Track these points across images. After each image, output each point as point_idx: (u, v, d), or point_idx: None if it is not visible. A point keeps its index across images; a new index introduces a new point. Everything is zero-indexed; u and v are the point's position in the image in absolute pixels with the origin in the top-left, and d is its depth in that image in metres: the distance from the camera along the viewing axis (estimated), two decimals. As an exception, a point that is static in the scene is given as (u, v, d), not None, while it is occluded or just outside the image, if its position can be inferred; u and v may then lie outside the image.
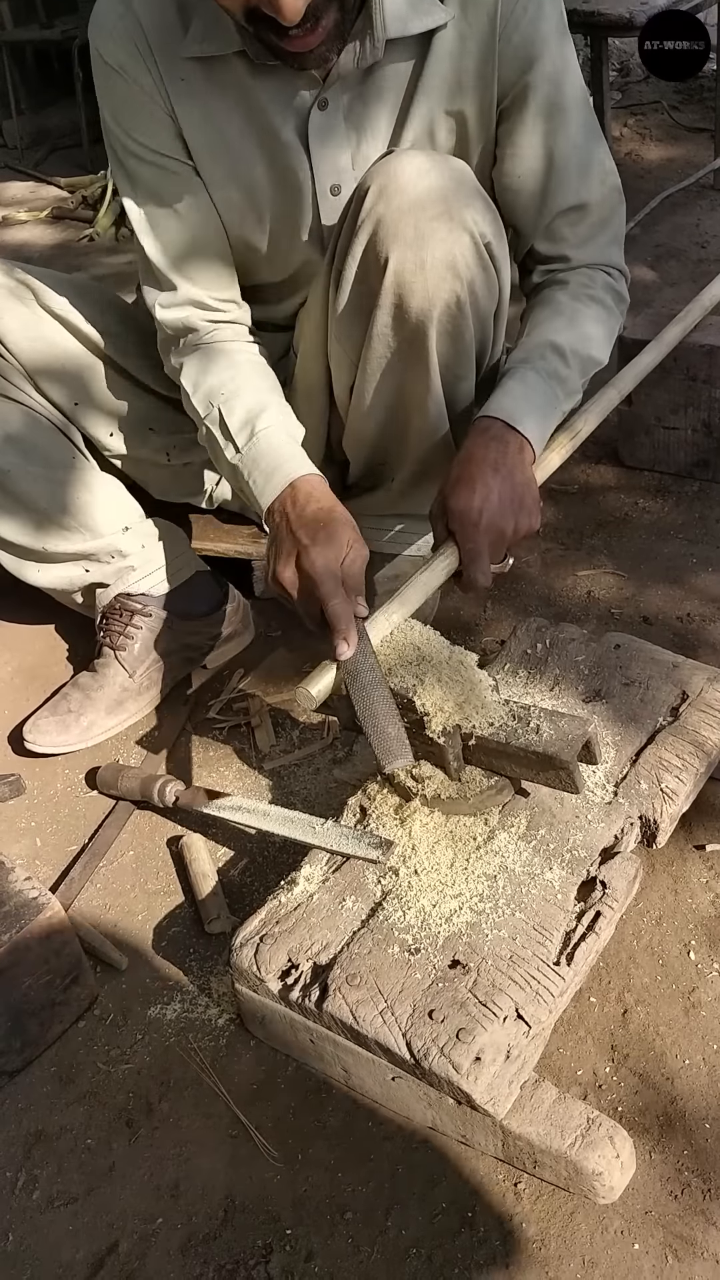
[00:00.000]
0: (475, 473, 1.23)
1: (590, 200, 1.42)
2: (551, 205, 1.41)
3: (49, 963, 1.17)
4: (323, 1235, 1.03)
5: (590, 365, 1.40)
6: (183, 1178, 1.08)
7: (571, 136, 1.38)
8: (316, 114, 1.34)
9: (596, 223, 1.44)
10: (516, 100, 1.35)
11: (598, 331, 1.41)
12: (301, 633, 1.75)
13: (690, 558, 1.83)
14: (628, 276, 1.49)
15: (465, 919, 1.09)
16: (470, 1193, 1.04)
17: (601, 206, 1.43)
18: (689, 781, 1.22)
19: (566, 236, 1.44)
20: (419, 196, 1.27)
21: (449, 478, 1.26)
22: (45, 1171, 1.10)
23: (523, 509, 1.25)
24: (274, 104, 1.34)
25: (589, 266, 1.45)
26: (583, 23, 2.67)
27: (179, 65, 1.32)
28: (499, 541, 1.24)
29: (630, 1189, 1.02)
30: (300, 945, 1.09)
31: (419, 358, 1.38)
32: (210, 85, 1.33)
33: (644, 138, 3.72)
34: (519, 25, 1.30)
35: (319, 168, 1.37)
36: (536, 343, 1.37)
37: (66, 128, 4.48)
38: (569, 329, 1.38)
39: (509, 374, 1.34)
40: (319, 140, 1.35)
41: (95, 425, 1.61)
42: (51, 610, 1.77)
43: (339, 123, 1.35)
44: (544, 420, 1.32)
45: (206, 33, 1.29)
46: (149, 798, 1.43)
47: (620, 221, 1.48)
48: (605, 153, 1.44)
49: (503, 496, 1.23)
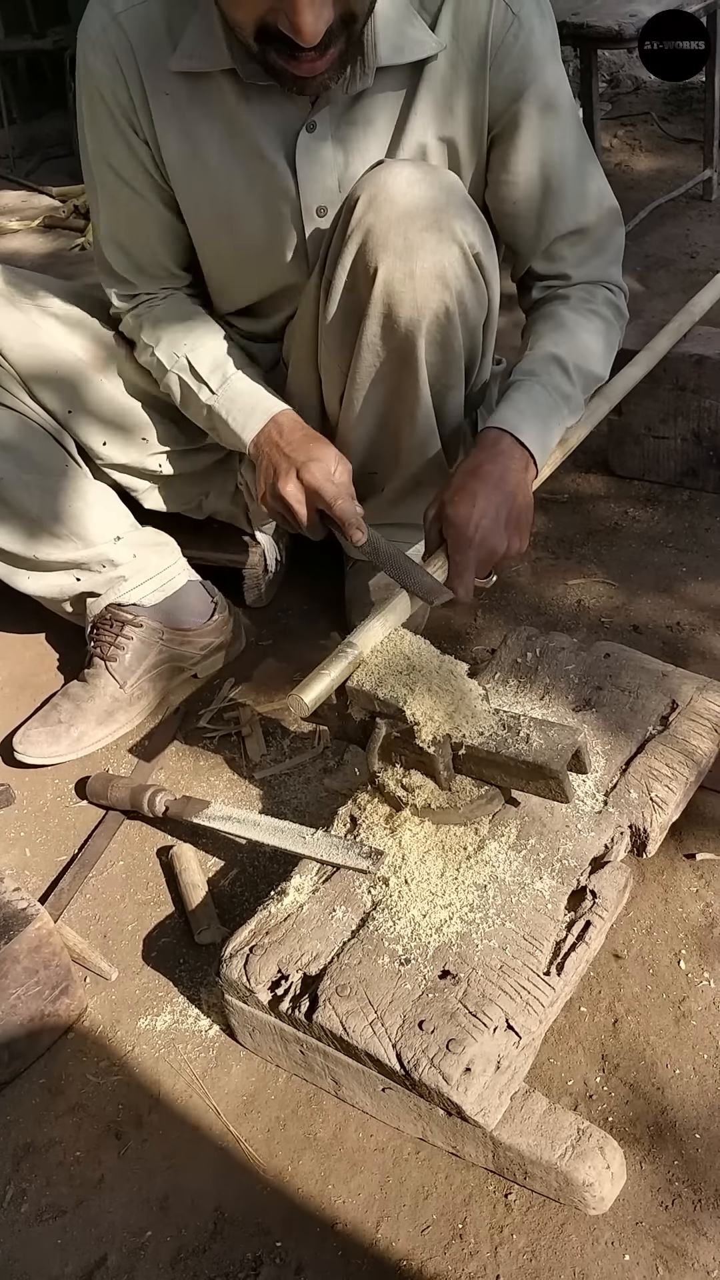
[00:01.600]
0: (479, 486, 1.25)
1: (588, 223, 1.43)
2: (549, 229, 1.42)
3: (38, 974, 1.17)
4: (313, 1247, 1.02)
5: (592, 381, 1.42)
6: (172, 1190, 1.08)
7: (567, 161, 1.39)
8: (305, 136, 1.35)
9: (595, 244, 1.45)
10: (509, 127, 1.36)
11: (599, 346, 1.42)
12: (292, 641, 1.76)
13: (680, 567, 1.83)
14: (626, 293, 1.51)
15: (455, 929, 1.08)
16: (461, 1204, 1.04)
17: (599, 228, 1.45)
18: (679, 790, 1.22)
19: (566, 257, 1.45)
20: (409, 207, 1.27)
21: (451, 484, 1.27)
22: (34, 1184, 1.10)
23: (517, 530, 1.28)
24: (261, 125, 1.35)
25: (589, 283, 1.47)
26: (572, 35, 2.68)
27: (164, 79, 1.33)
28: (489, 559, 1.26)
29: (621, 1200, 1.02)
30: (290, 956, 1.09)
31: (408, 367, 1.39)
32: (195, 102, 1.34)
33: (634, 148, 3.74)
34: (510, 53, 1.31)
35: (305, 189, 1.38)
36: (541, 356, 1.38)
37: (58, 137, 4.49)
38: (571, 343, 1.39)
39: (516, 386, 1.35)
40: (306, 161, 1.36)
41: (89, 433, 1.60)
42: (42, 619, 1.76)
43: (326, 145, 1.36)
44: (548, 436, 1.34)
45: (196, 48, 1.30)
46: (139, 807, 1.42)
47: (619, 242, 1.49)
48: (600, 175, 1.45)
49: (500, 514, 1.25)
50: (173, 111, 1.35)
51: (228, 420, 1.42)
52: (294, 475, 1.34)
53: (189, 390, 1.46)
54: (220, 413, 1.43)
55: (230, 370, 1.44)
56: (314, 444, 1.36)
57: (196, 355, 1.45)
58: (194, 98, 1.34)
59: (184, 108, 1.35)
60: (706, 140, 3.18)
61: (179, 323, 1.49)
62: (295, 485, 1.34)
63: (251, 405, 1.41)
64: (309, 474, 1.33)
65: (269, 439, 1.38)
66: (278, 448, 1.37)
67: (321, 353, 1.46)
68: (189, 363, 1.45)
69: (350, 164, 1.37)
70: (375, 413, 1.46)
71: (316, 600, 1.83)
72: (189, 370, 1.45)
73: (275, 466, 1.36)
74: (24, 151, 4.50)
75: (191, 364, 1.45)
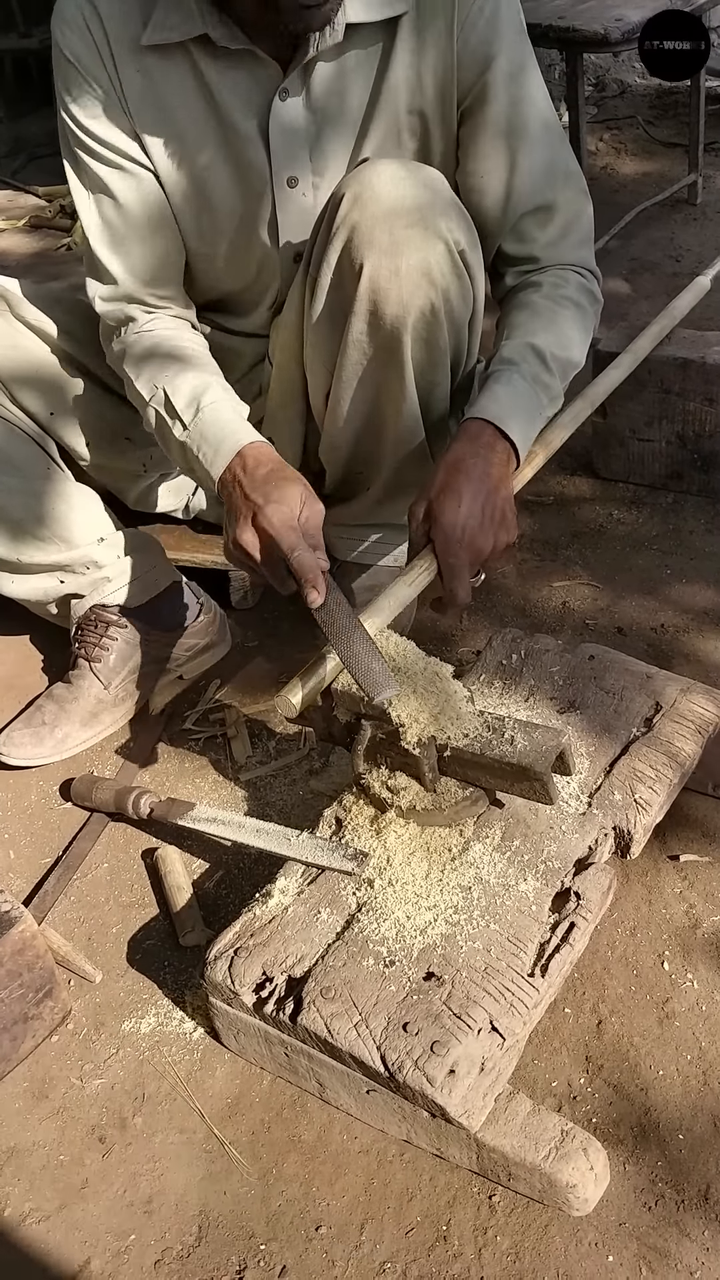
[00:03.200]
0: (462, 483, 1.22)
1: (555, 200, 1.43)
2: (516, 205, 1.42)
3: (21, 977, 1.16)
4: (297, 1250, 1.02)
5: (570, 369, 1.41)
6: (156, 1193, 1.08)
7: (533, 136, 1.39)
8: (278, 103, 1.35)
9: (564, 223, 1.44)
10: (476, 100, 1.36)
11: (575, 334, 1.41)
12: (278, 642, 1.76)
13: (664, 569, 1.84)
14: (599, 277, 1.50)
15: (440, 931, 1.08)
16: (445, 1206, 1.04)
17: (568, 207, 1.44)
18: (663, 792, 1.22)
19: (535, 237, 1.44)
20: (394, 204, 1.28)
21: (434, 480, 1.24)
22: (17, 1188, 1.09)
23: (503, 525, 1.25)
24: (234, 95, 1.35)
25: (560, 267, 1.46)
26: (558, 39, 2.68)
27: (137, 56, 1.32)
28: (477, 559, 1.23)
29: (604, 1201, 1.02)
30: (275, 958, 1.09)
31: (394, 364, 1.39)
32: (168, 76, 1.34)
33: (619, 152, 3.76)
34: (475, 26, 1.32)
35: (277, 158, 1.38)
36: (518, 345, 1.36)
37: (44, 137, 4.46)
38: (547, 332, 1.38)
39: (494, 377, 1.33)
40: (279, 130, 1.36)
41: (71, 435, 1.60)
42: (27, 621, 1.76)
43: (300, 113, 1.36)
44: (529, 426, 1.32)
45: (168, 19, 1.29)
46: (124, 809, 1.42)
47: (588, 221, 1.48)
48: (568, 152, 1.45)
49: (486, 511, 1.23)
50: (148, 87, 1.34)
51: (199, 457, 1.30)
52: (251, 521, 1.19)
53: (165, 425, 1.36)
54: (192, 449, 1.31)
55: (205, 401, 1.32)
56: (278, 484, 1.21)
57: (174, 387, 1.35)
58: (169, 72, 1.33)
59: (159, 83, 1.34)
60: (692, 144, 3.19)
61: (164, 354, 1.41)
62: (252, 533, 1.19)
63: (219, 440, 1.29)
64: (265, 519, 1.17)
65: (233, 477, 1.25)
66: (240, 487, 1.23)
67: (307, 350, 1.46)
68: (166, 395, 1.35)
69: (322, 134, 1.37)
70: (362, 411, 1.46)
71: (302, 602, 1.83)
72: (165, 403, 1.35)
73: (235, 510, 1.22)
74: (10, 151, 4.48)
75: (168, 396, 1.35)
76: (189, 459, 1.33)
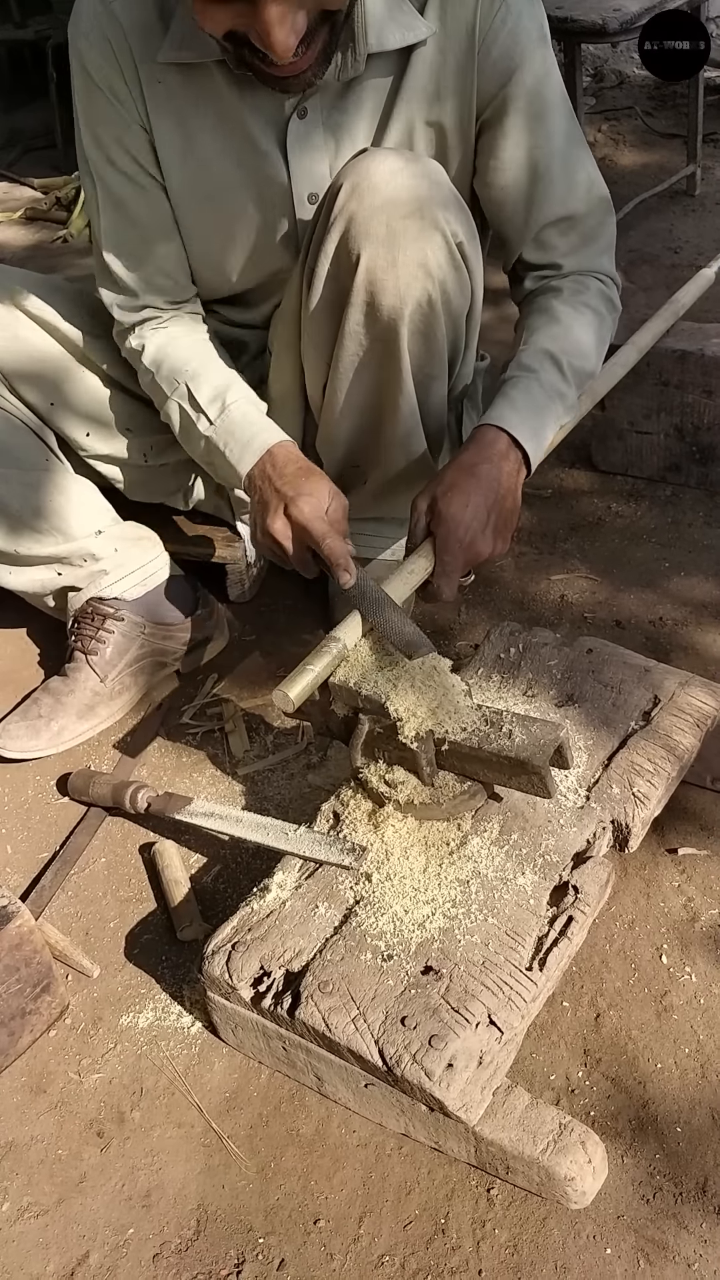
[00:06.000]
0: (473, 485, 1.24)
1: (578, 211, 1.42)
2: (537, 216, 1.42)
3: (19, 972, 1.16)
4: (295, 1244, 1.02)
5: (585, 378, 1.42)
6: (155, 1187, 1.08)
7: (555, 147, 1.38)
8: (295, 122, 1.34)
9: (586, 233, 1.44)
10: (497, 112, 1.36)
11: (591, 342, 1.42)
12: (275, 637, 1.76)
13: (663, 562, 1.84)
14: (619, 284, 1.50)
15: (438, 925, 1.08)
16: (443, 1199, 1.04)
17: (590, 217, 1.44)
18: (661, 785, 1.22)
19: (556, 245, 1.44)
20: (391, 195, 1.27)
21: (444, 478, 1.25)
22: (15, 1183, 1.09)
23: (502, 533, 1.28)
24: (252, 113, 1.34)
25: (581, 273, 1.45)
26: (556, 29, 2.66)
27: (157, 68, 1.32)
28: (474, 561, 1.26)
29: (602, 1194, 1.03)
30: (273, 952, 1.08)
31: (391, 356, 1.38)
32: (187, 91, 1.33)
33: (618, 143, 3.74)
34: (498, 38, 1.31)
35: (297, 176, 1.38)
36: (536, 352, 1.36)
37: (40, 128, 4.45)
38: (566, 338, 1.38)
39: (514, 383, 1.33)
40: (298, 148, 1.36)
41: (71, 426, 1.59)
42: (24, 613, 1.75)
43: (318, 131, 1.35)
44: (543, 436, 1.33)
45: (185, 39, 1.29)
46: (121, 804, 1.42)
47: (610, 231, 1.48)
48: (590, 162, 1.44)
49: (490, 517, 1.25)
50: (167, 100, 1.34)
51: (225, 453, 1.38)
52: (282, 511, 1.29)
53: (188, 419, 1.42)
54: (218, 445, 1.39)
55: (230, 399, 1.40)
56: (307, 478, 1.31)
57: (197, 383, 1.41)
58: (187, 86, 1.33)
59: (178, 96, 1.34)
60: (690, 135, 3.19)
61: (183, 349, 1.45)
62: (284, 522, 1.29)
63: (248, 438, 1.37)
64: (297, 510, 1.28)
65: (262, 473, 1.34)
66: (270, 482, 1.32)
67: (305, 343, 1.45)
68: (189, 390, 1.41)
69: (341, 150, 1.37)
70: (359, 403, 1.46)
71: (300, 595, 1.83)
72: (188, 398, 1.41)
73: (266, 502, 1.32)
74: (5, 143, 4.46)
75: (191, 391, 1.41)
76: (211, 453, 1.41)
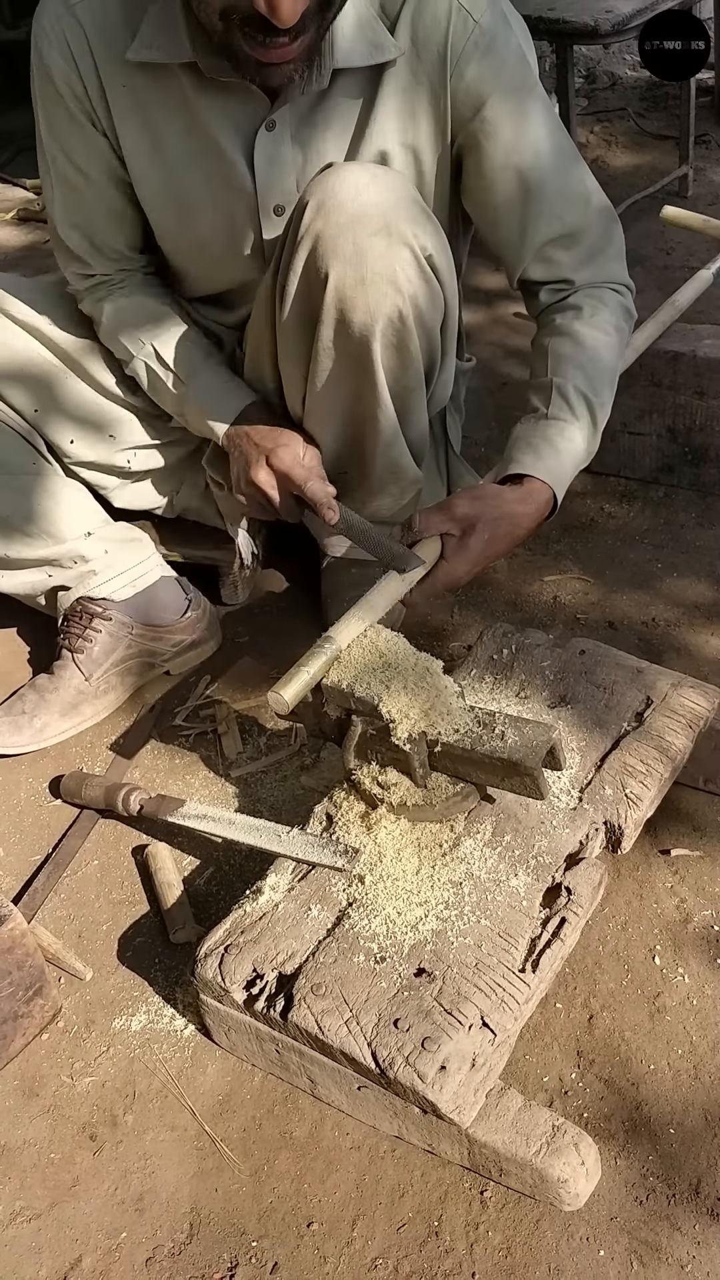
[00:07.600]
0: (504, 532, 1.29)
1: (578, 225, 1.41)
2: (534, 234, 1.41)
3: (11, 975, 1.16)
4: (289, 1247, 1.02)
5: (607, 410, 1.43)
6: (147, 1191, 1.07)
7: (545, 164, 1.37)
8: (264, 134, 1.34)
9: (591, 245, 1.43)
10: (478, 134, 1.35)
11: (615, 366, 1.43)
12: (268, 639, 1.75)
13: (656, 563, 1.84)
14: (634, 290, 1.49)
15: (431, 927, 1.08)
16: (436, 1202, 1.04)
17: (592, 230, 1.42)
18: (654, 786, 1.22)
19: (562, 261, 1.43)
20: (357, 212, 1.26)
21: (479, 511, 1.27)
22: (8, 1187, 1.09)
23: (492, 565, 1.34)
24: (220, 121, 1.34)
25: (596, 286, 1.45)
26: (548, 30, 2.67)
27: (122, 71, 1.32)
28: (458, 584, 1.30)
29: (596, 1195, 1.03)
30: (265, 955, 1.08)
31: (364, 371, 1.38)
32: (153, 94, 1.33)
33: (610, 144, 3.75)
34: (470, 61, 1.31)
35: (263, 188, 1.38)
36: (574, 392, 1.36)
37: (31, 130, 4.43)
38: (595, 369, 1.38)
39: (559, 430, 1.34)
40: (265, 161, 1.36)
41: (57, 432, 1.59)
42: (15, 613, 1.75)
43: (286, 145, 1.35)
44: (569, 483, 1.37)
45: (155, 39, 1.29)
46: (114, 806, 1.41)
47: (618, 239, 1.47)
48: (586, 174, 1.43)
49: (498, 556, 1.31)
50: (131, 103, 1.34)
51: (200, 411, 1.47)
52: (264, 462, 1.39)
53: (156, 377, 1.50)
54: (192, 402, 1.48)
55: (198, 360, 1.48)
56: (281, 432, 1.42)
57: (162, 343, 1.48)
58: (152, 89, 1.33)
59: (143, 99, 1.34)
60: (682, 136, 3.19)
61: (142, 312, 1.50)
62: (266, 472, 1.39)
63: (223, 395, 1.46)
64: (278, 459, 1.38)
65: (239, 431, 1.43)
66: (248, 437, 1.42)
67: (281, 355, 1.45)
68: (155, 350, 1.49)
69: (308, 165, 1.36)
70: (338, 415, 1.46)
71: (293, 597, 1.83)
72: (155, 357, 1.49)
73: (246, 456, 1.41)
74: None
75: (157, 351, 1.49)
76: (184, 408, 1.50)
